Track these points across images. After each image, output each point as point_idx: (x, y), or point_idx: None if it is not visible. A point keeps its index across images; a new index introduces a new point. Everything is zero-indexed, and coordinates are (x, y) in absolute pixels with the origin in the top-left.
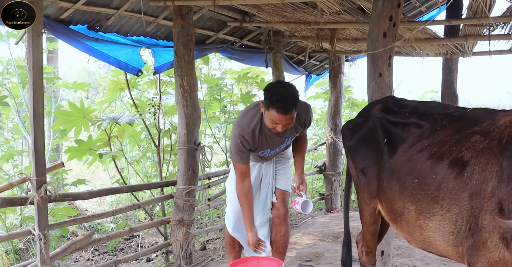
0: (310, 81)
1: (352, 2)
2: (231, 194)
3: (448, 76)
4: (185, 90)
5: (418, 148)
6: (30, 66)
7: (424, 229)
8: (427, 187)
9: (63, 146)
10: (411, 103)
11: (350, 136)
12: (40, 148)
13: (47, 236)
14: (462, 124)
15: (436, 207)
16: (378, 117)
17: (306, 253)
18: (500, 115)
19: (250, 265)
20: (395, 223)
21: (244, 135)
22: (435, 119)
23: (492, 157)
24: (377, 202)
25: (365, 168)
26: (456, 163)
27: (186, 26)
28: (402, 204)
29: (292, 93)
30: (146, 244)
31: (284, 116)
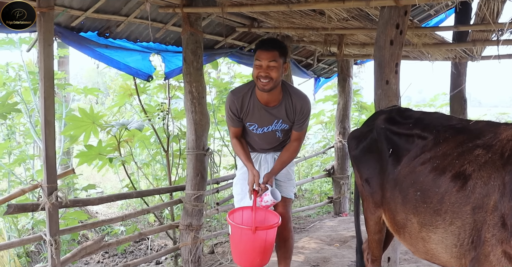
0: (319, 85)
1: (360, 9)
2: (238, 195)
3: (456, 80)
4: (193, 97)
5: (421, 160)
6: (41, 75)
7: (427, 241)
8: (430, 199)
9: (74, 150)
10: (415, 114)
11: (355, 145)
12: (51, 155)
13: (58, 241)
14: (465, 137)
15: (438, 220)
16: (382, 127)
17: (314, 257)
18: (502, 129)
19: (247, 213)
20: (398, 234)
21: (234, 99)
22: (438, 131)
23: (494, 171)
24: (382, 212)
25: (369, 178)
26: (458, 177)
27: (194, 33)
28: (405, 215)
29: (275, 38)
30: (155, 246)
31: (266, 52)
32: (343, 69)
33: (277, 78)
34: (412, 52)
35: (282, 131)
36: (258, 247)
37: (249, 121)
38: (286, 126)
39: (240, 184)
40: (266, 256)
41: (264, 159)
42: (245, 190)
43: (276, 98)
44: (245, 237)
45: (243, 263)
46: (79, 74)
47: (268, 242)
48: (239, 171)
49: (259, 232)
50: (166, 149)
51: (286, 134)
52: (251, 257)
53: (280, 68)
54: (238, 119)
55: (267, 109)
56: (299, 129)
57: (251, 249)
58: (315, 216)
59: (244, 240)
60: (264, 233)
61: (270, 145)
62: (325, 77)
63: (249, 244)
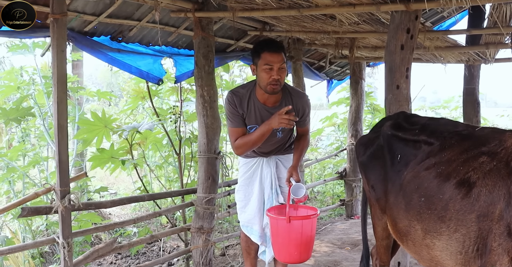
0: (332, 87)
1: (371, 13)
2: (241, 202)
3: (469, 83)
4: (205, 100)
5: (426, 166)
6: (54, 81)
7: (431, 248)
8: (434, 206)
9: (88, 151)
10: (421, 120)
11: (363, 151)
12: (64, 159)
13: (71, 244)
14: (470, 144)
15: (443, 227)
16: (388, 134)
17: (324, 261)
18: (508, 136)
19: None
20: (401, 242)
21: (234, 98)
22: (444, 137)
23: (500, 179)
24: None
25: (375, 184)
26: (463, 184)
27: (206, 37)
28: (408, 222)
29: (275, 40)
30: (168, 248)
31: (277, 55)
32: (355, 72)
33: (284, 80)
34: (425, 55)
35: (282, 131)
36: (294, 239)
37: (250, 123)
38: (288, 129)
39: (242, 190)
40: (304, 251)
41: (266, 163)
42: (248, 196)
43: (276, 98)
44: (281, 229)
45: (282, 258)
46: (94, 75)
47: (304, 234)
48: (241, 178)
49: (294, 222)
50: (178, 152)
51: (286, 134)
52: (288, 250)
53: (286, 69)
54: (241, 116)
55: (268, 110)
56: (303, 125)
57: (287, 241)
58: (327, 219)
59: (281, 232)
60: (299, 224)
61: (271, 147)
62: (338, 79)
63: (285, 236)
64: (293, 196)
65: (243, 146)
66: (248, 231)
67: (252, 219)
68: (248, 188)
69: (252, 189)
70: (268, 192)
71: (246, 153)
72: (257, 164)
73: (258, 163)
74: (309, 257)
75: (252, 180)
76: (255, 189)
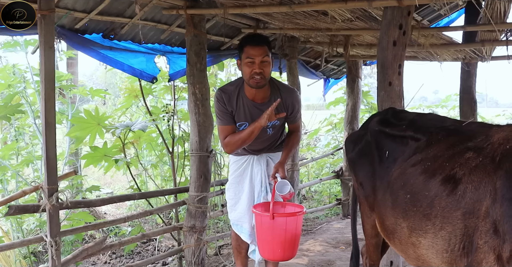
0: (329, 86)
1: (364, 10)
2: (231, 200)
3: (466, 81)
4: (197, 98)
5: (412, 162)
6: (42, 77)
7: (417, 247)
8: (420, 203)
9: (82, 150)
10: (409, 116)
11: (351, 148)
12: (51, 157)
13: (59, 243)
14: (457, 139)
15: (428, 225)
16: (375, 129)
17: (318, 260)
18: (494, 131)
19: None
20: (388, 239)
21: (223, 95)
22: (430, 132)
23: (486, 175)
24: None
25: (364, 181)
26: (448, 180)
27: (198, 34)
28: (395, 220)
29: (260, 34)
30: (163, 247)
31: (258, 48)
32: (351, 70)
33: (269, 74)
34: (420, 53)
35: (273, 128)
36: (278, 237)
37: (239, 120)
38: (277, 122)
39: (233, 188)
40: (288, 249)
41: (257, 161)
42: (238, 194)
43: (264, 94)
44: (265, 225)
45: (265, 255)
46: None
47: (288, 232)
48: (231, 175)
49: (278, 220)
50: (171, 151)
51: (277, 131)
52: (272, 247)
53: (271, 63)
54: (230, 114)
55: (257, 106)
56: (293, 122)
57: (271, 238)
58: (323, 218)
59: (265, 229)
60: (283, 221)
61: (261, 145)
62: (335, 78)
63: (269, 233)
64: (278, 192)
65: (233, 144)
66: (238, 230)
67: (242, 217)
68: (238, 186)
69: (243, 187)
70: (258, 189)
71: (236, 151)
72: (248, 161)
73: (248, 160)
74: (293, 255)
75: (242, 178)
76: (245, 187)
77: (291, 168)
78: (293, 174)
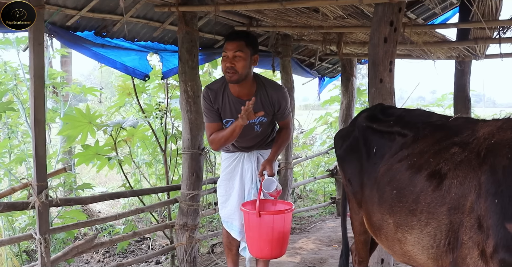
0: (324, 84)
1: (355, 7)
2: (222, 197)
3: (460, 79)
4: (189, 96)
5: (399, 158)
6: (31, 74)
7: (403, 243)
8: (405, 199)
9: (76, 149)
10: (397, 112)
11: (340, 144)
12: (41, 154)
13: (48, 240)
14: (443, 135)
15: (414, 220)
16: (363, 125)
17: (310, 258)
18: (480, 126)
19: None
20: (375, 236)
21: (209, 92)
22: (417, 128)
23: (471, 170)
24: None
25: (352, 177)
26: (434, 176)
27: (190, 31)
28: (381, 216)
29: (243, 30)
30: (157, 246)
31: (232, 42)
32: (346, 69)
33: (243, 69)
34: (414, 50)
35: (260, 125)
36: (264, 234)
37: (225, 117)
38: (264, 119)
39: (223, 185)
40: (276, 247)
41: (247, 158)
42: (229, 191)
43: (249, 91)
44: (253, 223)
45: (253, 252)
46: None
47: (275, 230)
48: (222, 172)
49: (265, 217)
50: (164, 148)
51: (265, 128)
52: (259, 245)
53: (247, 59)
54: (216, 112)
55: (242, 103)
56: (282, 119)
57: (258, 236)
58: (318, 217)
59: (252, 227)
60: (270, 219)
61: (251, 142)
62: (330, 76)
63: (256, 231)
64: (264, 190)
65: (217, 142)
66: (229, 227)
67: (232, 215)
68: (229, 183)
69: (233, 184)
70: (249, 187)
71: (222, 148)
72: (239, 158)
73: (239, 157)
74: (282, 253)
75: (233, 175)
76: (236, 184)
77: (285, 166)
78: (287, 172)
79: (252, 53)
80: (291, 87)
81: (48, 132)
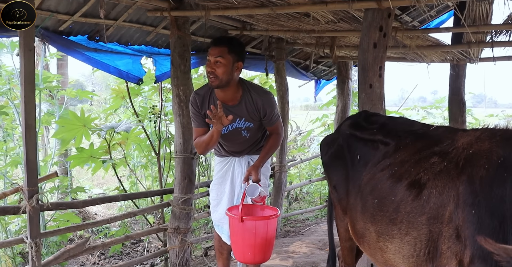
0: (320, 86)
1: (346, 11)
2: (214, 201)
3: (455, 82)
4: (181, 100)
5: (381, 167)
6: (22, 80)
7: (384, 251)
8: (386, 208)
9: (72, 152)
10: (380, 119)
11: (325, 151)
12: (31, 159)
13: (39, 244)
14: (424, 144)
15: (394, 229)
16: (346, 133)
17: (303, 262)
18: (459, 135)
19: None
20: (359, 243)
21: (196, 97)
22: (399, 137)
23: (449, 181)
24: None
25: (336, 184)
26: (413, 185)
27: (182, 36)
28: (364, 224)
29: (228, 36)
30: (152, 248)
31: (214, 48)
32: (341, 71)
33: (223, 75)
34: (408, 54)
35: (248, 130)
36: (247, 239)
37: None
38: (251, 124)
39: (215, 189)
40: (259, 253)
41: (238, 163)
42: (220, 195)
43: (233, 96)
44: (236, 228)
45: (237, 256)
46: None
47: (258, 236)
48: (215, 176)
49: (247, 223)
50: (158, 152)
51: (254, 133)
52: (242, 250)
53: (228, 65)
54: (202, 117)
55: (227, 108)
56: (270, 124)
57: (241, 240)
58: (313, 219)
59: (235, 232)
60: (252, 225)
61: (240, 147)
62: (326, 79)
63: (239, 235)
64: (248, 196)
65: (199, 146)
66: (219, 230)
67: (222, 218)
68: (220, 187)
69: (224, 188)
70: (238, 191)
71: (206, 152)
72: (230, 163)
73: (230, 162)
74: (265, 259)
75: (224, 179)
76: (226, 188)
77: (279, 170)
78: (281, 175)
79: (235, 60)
80: (285, 90)
81: (46, 134)
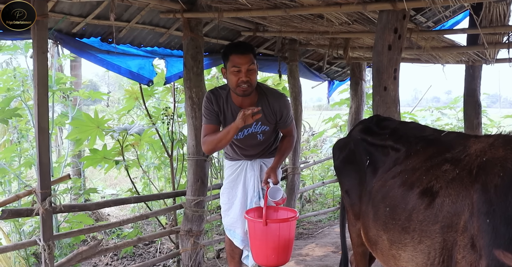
0: (333, 88)
1: (361, 13)
2: (225, 205)
3: (471, 84)
4: (193, 102)
5: (392, 174)
6: (35, 82)
7: (397, 259)
8: (398, 216)
9: (85, 153)
10: (392, 124)
11: (337, 155)
12: (45, 162)
13: (51, 246)
14: (435, 150)
15: (407, 238)
16: (357, 138)
17: (316, 265)
18: (472, 142)
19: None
20: (372, 250)
21: (212, 96)
22: (410, 143)
23: (463, 189)
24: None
25: (349, 189)
26: (426, 193)
27: (195, 38)
28: (376, 232)
29: (244, 42)
30: (165, 249)
31: (244, 56)
32: (355, 73)
33: (255, 81)
34: (422, 55)
35: (263, 133)
36: (271, 242)
37: (226, 125)
38: (267, 128)
39: (226, 193)
40: (282, 254)
41: (250, 166)
42: (232, 199)
43: (252, 100)
44: (259, 231)
45: (259, 261)
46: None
47: (281, 238)
48: (225, 180)
49: (271, 225)
50: (170, 153)
51: (268, 137)
52: (266, 253)
53: (256, 70)
54: (216, 114)
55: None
56: (284, 127)
57: (265, 244)
58: (326, 221)
59: (258, 235)
60: (276, 227)
61: (254, 150)
62: (339, 80)
63: (263, 239)
64: (270, 198)
65: (209, 143)
66: (231, 235)
67: (234, 223)
68: (232, 191)
69: (236, 192)
70: (251, 195)
71: (213, 152)
72: (242, 167)
73: (242, 166)
74: (287, 260)
75: (236, 183)
76: (238, 192)
77: (292, 172)
78: (294, 177)
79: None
80: (299, 92)
81: (60, 135)
